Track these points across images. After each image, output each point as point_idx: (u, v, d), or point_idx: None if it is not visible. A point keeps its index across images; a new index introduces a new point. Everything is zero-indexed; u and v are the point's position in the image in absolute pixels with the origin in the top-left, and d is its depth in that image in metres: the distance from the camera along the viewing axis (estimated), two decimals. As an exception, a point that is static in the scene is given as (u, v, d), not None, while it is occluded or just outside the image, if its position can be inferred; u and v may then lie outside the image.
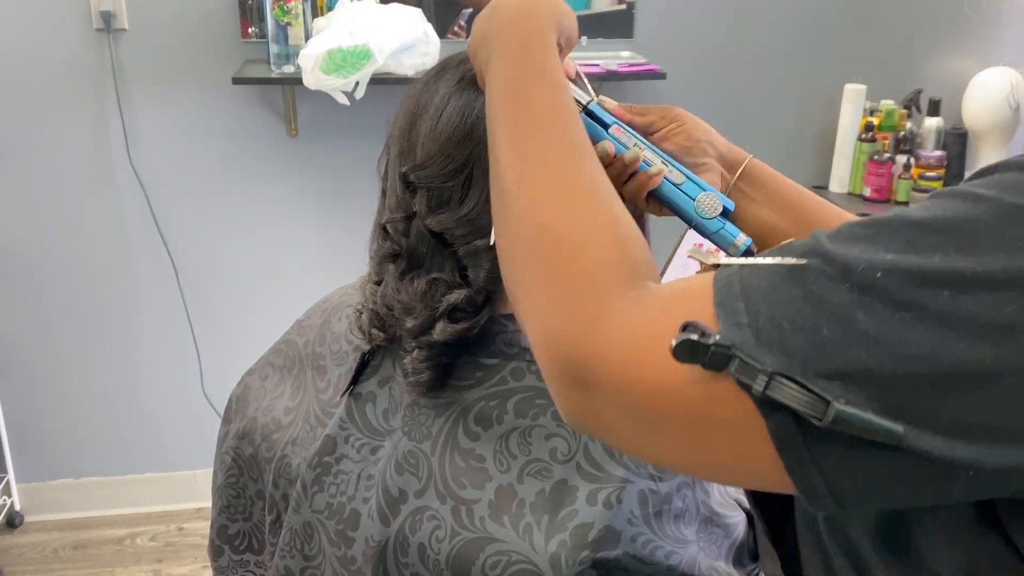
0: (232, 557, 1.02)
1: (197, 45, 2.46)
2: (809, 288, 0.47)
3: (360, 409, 0.87)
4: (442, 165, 0.80)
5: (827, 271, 0.47)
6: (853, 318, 0.45)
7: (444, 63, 0.86)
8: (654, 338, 0.49)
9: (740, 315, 0.47)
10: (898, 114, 2.70)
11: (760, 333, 0.46)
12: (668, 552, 0.75)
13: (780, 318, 0.46)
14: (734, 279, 0.49)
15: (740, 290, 0.49)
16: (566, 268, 0.55)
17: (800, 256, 0.48)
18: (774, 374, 0.45)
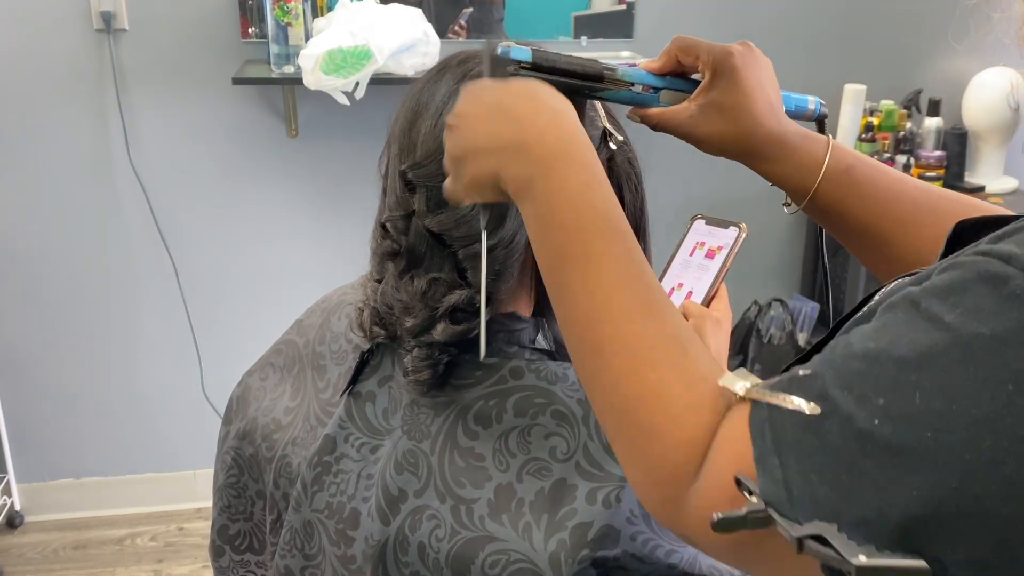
0: (233, 557, 1.02)
1: (197, 45, 2.46)
2: (825, 439, 0.50)
3: (360, 408, 0.87)
4: (441, 164, 0.80)
5: (836, 422, 0.50)
6: (863, 467, 0.48)
7: (445, 63, 0.85)
8: (716, 507, 0.53)
9: (775, 470, 0.51)
10: (898, 114, 2.70)
11: (791, 488, 0.50)
12: (668, 551, 0.75)
13: (808, 470, 0.50)
14: (765, 428, 0.53)
15: (772, 442, 0.52)
16: (648, 451, 0.59)
17: (816, 399, 0.51)
18: (802, 539, 0.49)
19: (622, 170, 0.87)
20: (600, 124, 0.85)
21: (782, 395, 0.53)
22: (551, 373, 0.80)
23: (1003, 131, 2.68)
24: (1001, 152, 2.73)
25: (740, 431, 0.54)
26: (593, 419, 0.77)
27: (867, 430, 0.48)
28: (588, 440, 0.77)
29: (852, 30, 2.71)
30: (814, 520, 0.49)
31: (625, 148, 0.87)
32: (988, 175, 2.74)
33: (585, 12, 2.61)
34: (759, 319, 2.76)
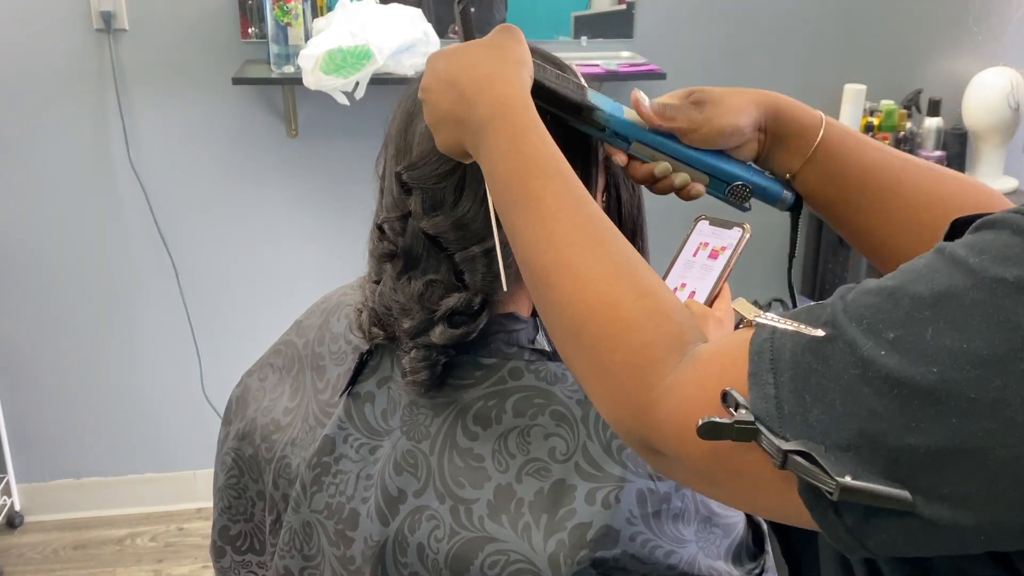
0: (234, 558, 1.02)
1: (197, 45, 2.46)
2: (826, 363, 0.50)
3: (359, 409, 0.87)
4: (435, 166, 0.79)
5: (840, 347, 0.50)
6: (860, 393, 0.49)
7: None
8: (698, 412, 0.53)
9: (768, 386, 0.52)
10: (898, 114, 2.70)
11: (783, 405, 0.51)
12: (667, 552, 0.75)
13: (802, 390, 0.50)
14: (765, 347, 0.53)
15: (770, 360, 0.52)
16: (609, 360, 0.60)
17: (822, 326, 0.52)
18: (788, 452, 0.49)
19: (618, 170, 0.87)
20: None
21: (789, 320, 0.53)
22: (550, 374, 0.80)
23: (1003, 131, 2.67)
24: (1001, 152, 2.73)
25: (739, 349, 0.55)
26: (592, 420, 0.77)
27: (871, 359, 0.49)
28: (587, 441, 0.77)
29: (852, 30, 2.71)
30: (801, 440, 0.49)
31: None
32: (988, 175, 2.74)
33: (585, 12, 2.61)
34: (759, 319, 2.76)
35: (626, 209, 0.89)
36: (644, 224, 0.92)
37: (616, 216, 0.89)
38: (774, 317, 0.55)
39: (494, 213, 0.77)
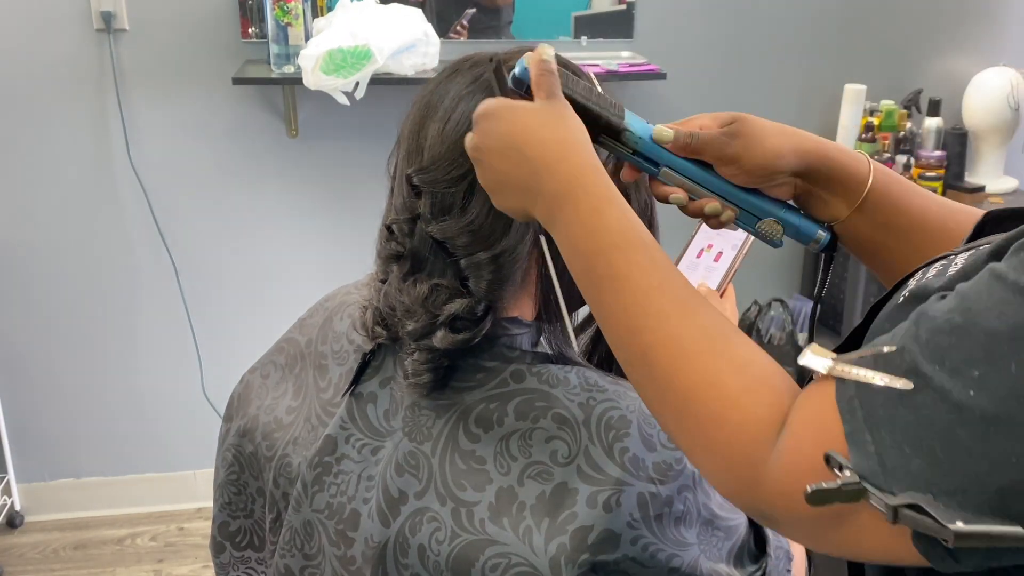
0: (233, 554, 1.02)
1: (197, 45, 2.46)
2: (920, 413, 0.51)
3: (361, 409, 0.87)
4: (446, 170, 0.79)
5: (930, 396, 0.51)
6: (958, 438, 0.49)
7: (457, 64, 0.85)
8: (801, 479, 0.54)
9: (867, 444, 0.52)
10: (898, 114, 2.70)
11: (886, 460, 0.52)
12: (669, 555, 0.75)
13: (901, 442, 0.51)
14: (855, 404, 0.54)
15: (863, 417, 0.53)
16: (714, 437, 0.61)
17: (904, 375, 0.52)
18: (897, 507, 0.50)
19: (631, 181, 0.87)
20: None
21: (869, 372, 0.54)
22: (552, 376, 0.80)
23: (1003, 131, 2.67)
24: (1001, 152, 2.73)
25: (825, 409, 0.55)
26: (594, 422, 0.77)
27: (962, 401, 0.49)
28: (589, 444, 0.77)
29: (852, 30, 2.71)
30: (908, 491, 0.50)
31: None
32: (988, 175, 2.74)
33: (585, 12, 2.61)
34: (759, 319, 2.76)
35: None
36: (658, 236, 0.91)
37: None
38: (851, 369, 0.55)
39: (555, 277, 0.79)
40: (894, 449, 0.51)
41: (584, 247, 0.67)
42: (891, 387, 0.52)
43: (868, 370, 0.54)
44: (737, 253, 1.06)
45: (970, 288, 0.53)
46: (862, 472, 0.52)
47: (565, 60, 0.83)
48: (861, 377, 0.54)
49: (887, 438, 0.52)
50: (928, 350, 0.52)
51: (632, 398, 0.79)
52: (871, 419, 0.53)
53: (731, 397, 0.60)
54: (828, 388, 0.56)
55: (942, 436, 0.50)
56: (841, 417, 0.54)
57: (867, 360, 0.55)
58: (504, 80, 0.77)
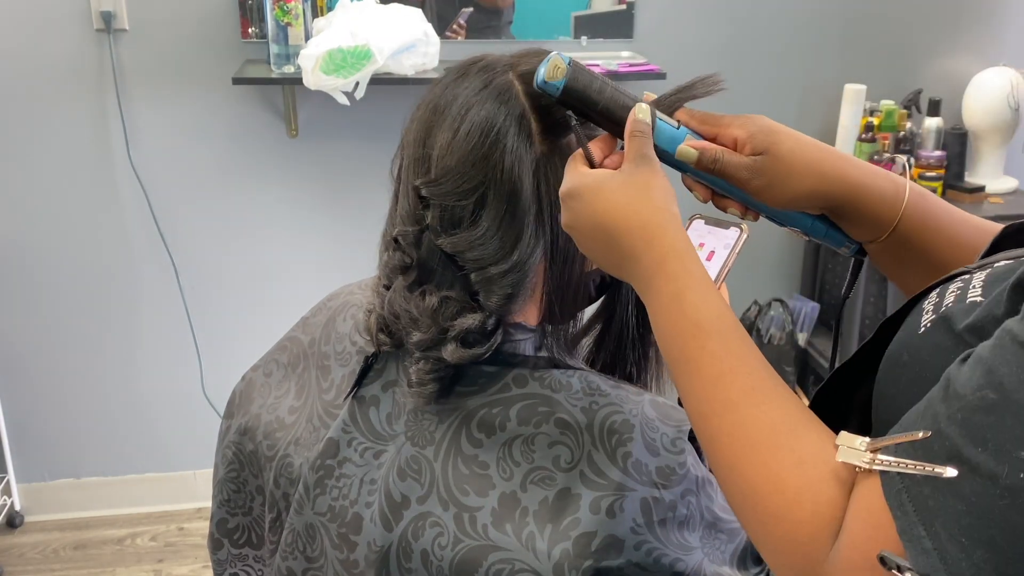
0: (231, 551, 1.02)
1: (197, 45, 2.46)
2: (971, 501, 0.50)
3: (363, 413, 0.87)
4: (456, 183, 0.78)
5: (980, 483, 0.50)
6: (1015, 523, 0.49)
7: (466, 66, 0.83)
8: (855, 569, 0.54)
9: (924, 540, 0.51)
10: (898, 114, 2.70)
11: (946, 556, 0.50)
12: (673, 559, 0.75)
13: (958, 535, 0.50)
14: (904, 498, 0.53)
15: (914, 512, 0.52)
16: (774, 531, 0.61)
17: (948, 461, 0.51)
18: None
19: None
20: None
21: (911, 462, 0.53)
22: (555, 381, 0.80)
23: (1003, 131, 2.67)
24: (1001, 152, 2.73)
25: (875, 504, 0.54)
26: (597, 428, 0.77)
27: (1014, 485, 0.49)
28: (592, 449, 0.77)
29: (852, 30, 2.71)
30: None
31: None
32: (988, 175, 2.74)
33: (585, 12, 2.61)
34: (759, 319, 2.76)
35: None
36: None
37: None
38: (891, 461, 0.54)
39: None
40: (952, 542, 0.50)
41: (663, 328, 0.69)
42: (938, 476, 0.51)
43: (909, 460, 0.53)
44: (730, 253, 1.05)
45: (995, 358, 0.52)
46: (923, 571, 0.51)
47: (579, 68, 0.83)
48: (903, 468, 0.53)
49: (942, 532, 0.51)
50: (966, 432, 0.51)
51: (635, 403, 0.79)
52: (922, 513, 0.52)
53: (790, 496, 0.60)
54: (873, 482, 0.55)
55: (1000, 523, 0.49)
56: (892, 513, 0.53)
57: (905, 449, 0.54)
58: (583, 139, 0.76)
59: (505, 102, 0.78)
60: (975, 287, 0.60)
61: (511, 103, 0.78)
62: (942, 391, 0.54)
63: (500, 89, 0.79)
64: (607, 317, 0.91)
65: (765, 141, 0.76)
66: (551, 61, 0.75)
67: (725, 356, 0.66)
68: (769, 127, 0.77)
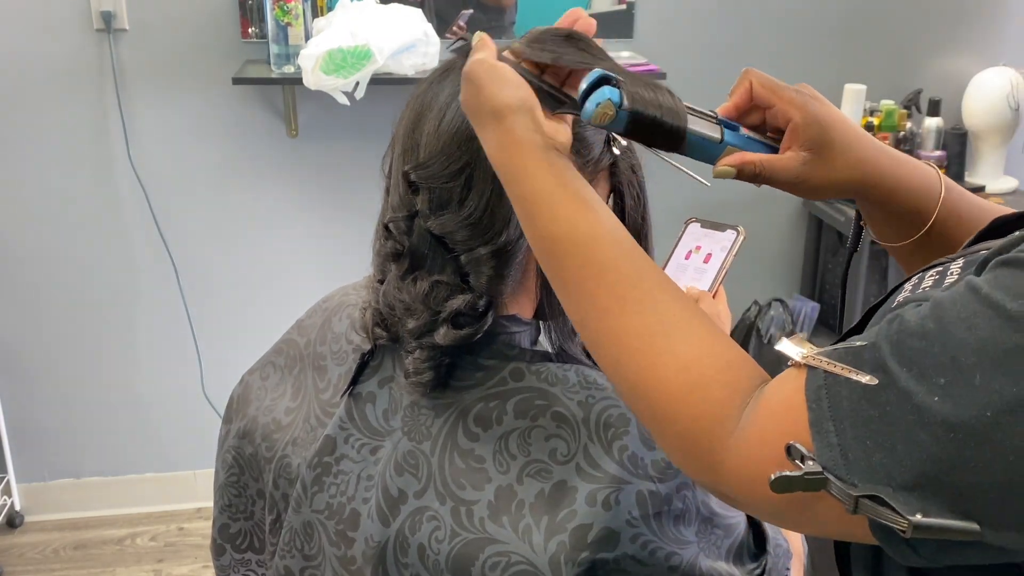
0: (234, 556, 1.02)
1: (197, 45, 2.46)
2: (883, 409, 0.53)
3: (360, 409, 0.87)
4: (443, 165, 0.79)
5: (894, 394, 0.53)
6: (919, 438, 0.51)
7: (450, 63, 0.85)
8: (764, 468, 0.56)
9: (831, 435, 0.54)
10: (898, 114, 2.70)
11: (848, 452, 0.53)
12: (668, 553, 0.75)
13: (864, 437, 0.53)
14: (822, 394, 0.55)
15: (828, 407, 0.55)
16: (669, 431, 0.63)
17: (872, 371, 0.54)
18: (859, 498, 0.52)
19: (624, 177, 0.87)
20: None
21: (839, 364, 0.55)
22: (551, 375, 0.80)
23: (1003, 131, 2.67)
24: (1001, 152, 2.73)
25: (795, 397, 0.57)
26: (593, 421, 0.78)
27: (925, 405, 0.51)
28: (588, 442, 0.77)
29: (852, 30, 2.71)
30: (868, 483, 0.52)
31: (628, 155, 0.87)
32: (988, 175, 2.74)
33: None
34: (759, 319, 2.76)
35: (630, 216, 0.89)
36: (649, 231, 0.91)
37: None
38: (822, 358, 0.56)
39: None
40: (856, 442, 0.53)
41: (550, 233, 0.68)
42: (858, 380, 0.54)
43: (838, 362, 0.55)
44: (727, 255, 1.05)
45: (946, 297, 0.55)
46: (824, 463, 0.53)
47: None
48: (830, 367, 0.55)
49: (850, 430, 0.53)
50: (898, 350, 0.54)
51: (631, 397, 0.79)
52: (836, 410, 0.54)
53: (677, 396, 0.62)
54: (799, 377, 0.57)
55: (904, 435, 0.52)
56: (807, 406, 0.55)
57: (839, 352, 0.56)
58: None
59: None
60: (952, 273, 0.62)
61: None
62: (892, 316, 0.57)
63: None
64: None
65: (818, 137, 0.75)
66: (600, 107, 0.68)
67: (598, 265, 0.66)
68: (824, 119, 0.75)
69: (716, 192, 3.00)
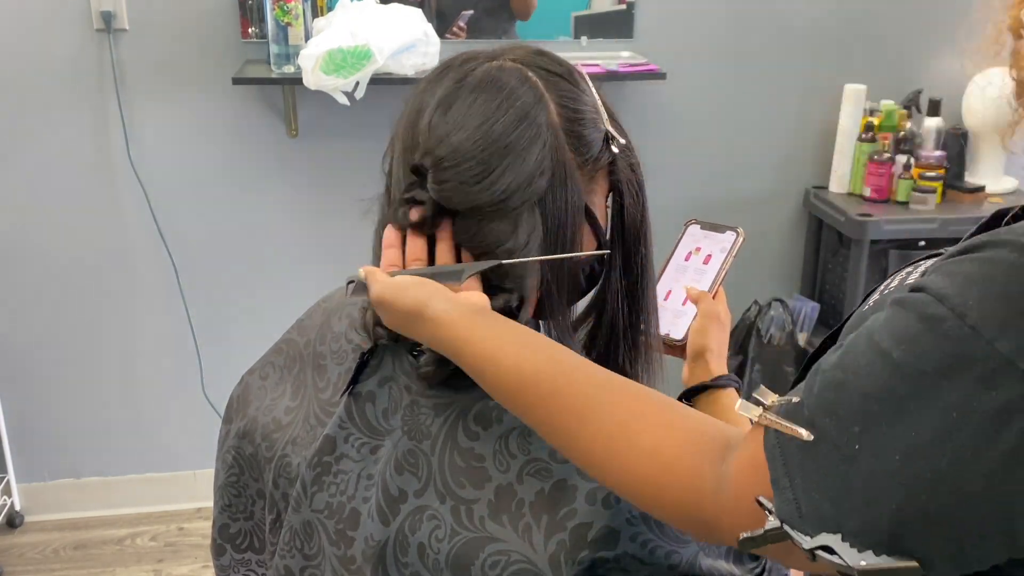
0: (234, 556, 1.02)
1: (197, 45, 2.46)
2: (821, 462, 0.57)
3: (360, 408, 0.87)
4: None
5: (825, 448, 0.57)
6: (853, 486, 0.55)
7: (447, 63, 0.85)
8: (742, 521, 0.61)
9: (787, 490, 0.58)
10: (898, 114, 2.70)
11: (800, 505, 0.57)
12: (668, 552, 0.75)
13: (811, 489, 0.57)
14: (776, 452, 0.60)
15: (782, 464, 0.59)
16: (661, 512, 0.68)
17: (806, 426, 0.58)
18: (813, 550, 0.56)
19: (623, 175, 0.87)
20: (602, 127, 0.85)
21: (783, 422, 0.60)
22: (551, 374, 0.80)
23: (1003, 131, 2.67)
24: (1001, 152, 2.73)
25: (757, 455, 0.61)
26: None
27: (850, 455, 0.56)
28: (588, 441, 0.77)
29: (852, 30, 2.71)
30: (821, 533, 0.56)
31: (627, 153, 0.87)
32: (988, 175, 2.74)
33: (585, 12, 2.61)
34: (759, 319, 2.76)
35: (629, 216, 0.89)
36: (648, 231, 0.91)
37: (619, 222, 0.89)
38: (770, 417, 0.60)
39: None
40: (806, 495, 0.57)
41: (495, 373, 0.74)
42: (799, 437, 0.58)
43: (783, 420, 0.60)
44: (727, 256, 1.05)
45: (850, 345, 0.60)
46: (783, 517, 0.58)
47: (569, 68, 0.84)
48: (777, 426, 0.60)
49: (801, 484, 0.58)
50: (819, 404, 0.58)
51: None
52: (788, 466, 0.59)
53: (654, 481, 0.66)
54: (759, 435, 0.62)
55: (841, 483, 0.56)
56: (768, 463, 0.60)
57: (785, 408, 0.61)
58: None
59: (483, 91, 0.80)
60: (918, 272, 0.66)
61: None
62: (815, 367, 0.61)
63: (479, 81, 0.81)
64: (599, 310, 0.92)
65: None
66: None
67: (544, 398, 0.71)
68: None
69: (716, 192, 3.02)
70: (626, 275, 0.90)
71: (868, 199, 2.64)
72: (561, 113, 0.81)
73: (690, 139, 2.69)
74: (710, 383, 0.99)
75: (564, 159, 0.80)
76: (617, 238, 0.89)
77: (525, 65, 0.82)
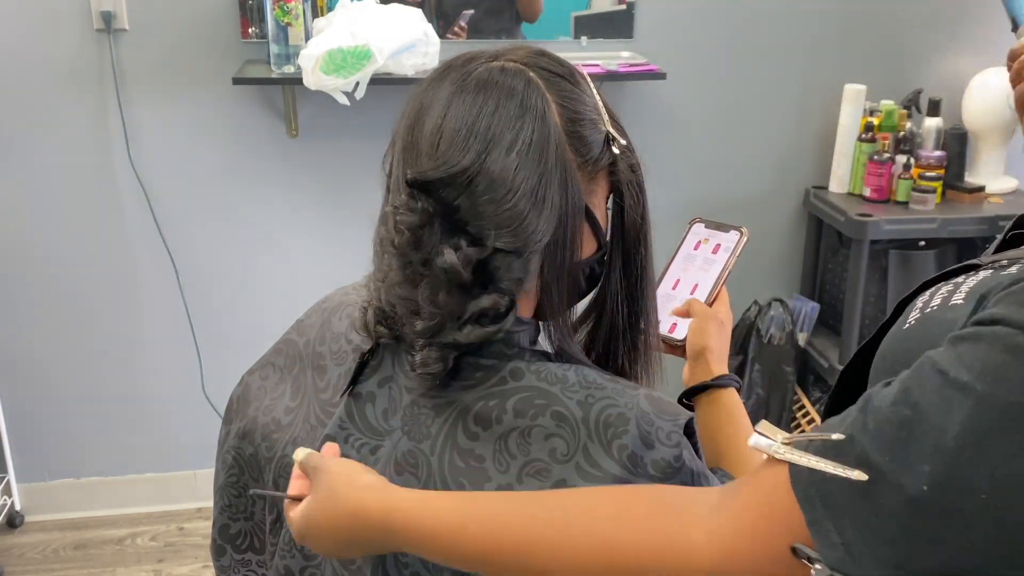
0: (234, 556, 1.02)
1: (197, 45, 2.46)
2: (878, 505, 0.54)
3: (360, 409, 0.87)
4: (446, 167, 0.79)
5: (886, 489, 0.54)
6: (918, 528, 0.53)
7: (449, 64, 0.85)
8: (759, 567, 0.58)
9: (832, 534, 0.56)
10: (898, 114, 2.70)
11: (851, 549, 0.55)
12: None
13: (865, 532, 0.54)
14: (812, 494, 0.57)
15: (822, 507, 0.56)
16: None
17: (857, 465, 0.55)
18: None
19: (623, 176, 0.87)
20: (603, 128, 0.85)
21: (821, 460, 0.56)
22: (551, 374, 0.80)
23: (1003, 131, 2.67)
24: (1001, 152, 2.73)
25: (778, 495, 0.58)
26: (593, 420, 0.78)
27: (917, 496, 0.53)
28: (588, 441, 0.77)
29: (852, 30, 2.71)
30: (877, 571, 0.54)
31: (627, 154, 0.87)
32: (988, 175, 2.74)
33: (585, 12, 2.61)
34: (759, 319, 2.76)
35: (629, 216, 0.88)
36: (648, 232, 0.91)
37: (619, 223, 0.89)
38: (801, 454, 0.56)
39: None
40: (859, 539, 0.55)
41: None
42: (847, 477, 0.55)
43: (819, 457, 0.56)
44: (730, 256, 1.05)
45: (911, 379, 0.56)
46: (832, 563, 0.55)
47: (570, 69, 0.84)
48: (813, 464, 0.56)
49: (850, 527, 0.55)
50: (878, 442, 0.55)
51: (630, 396, 0.79)
52: (831, 508, 0.56)
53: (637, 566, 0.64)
54: (778, 473, 0.58)
55: (902, 528, 0.53)
56: (800, 505, 0.57)
57: (818, 447, 0.57)
58: None
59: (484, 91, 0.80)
60: (962, 291, 0.63)
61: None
62: (862, 403, 0.58)
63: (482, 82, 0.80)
64: (599, 310, 0.91)
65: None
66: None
67: (507, 553, 0.69)
68: None
69: (716, 192, 3.02)
70: (626, 276, 0.90)
71: (868, 199, 2.63)
72: (562, 114, 0.81)
73: (690, 139, 2.69)
74: (711, 382, 0.99)
75: (565, 160, 0.80)
76: (617, 239, 0.89)
77: (526, 66, 0.82)
